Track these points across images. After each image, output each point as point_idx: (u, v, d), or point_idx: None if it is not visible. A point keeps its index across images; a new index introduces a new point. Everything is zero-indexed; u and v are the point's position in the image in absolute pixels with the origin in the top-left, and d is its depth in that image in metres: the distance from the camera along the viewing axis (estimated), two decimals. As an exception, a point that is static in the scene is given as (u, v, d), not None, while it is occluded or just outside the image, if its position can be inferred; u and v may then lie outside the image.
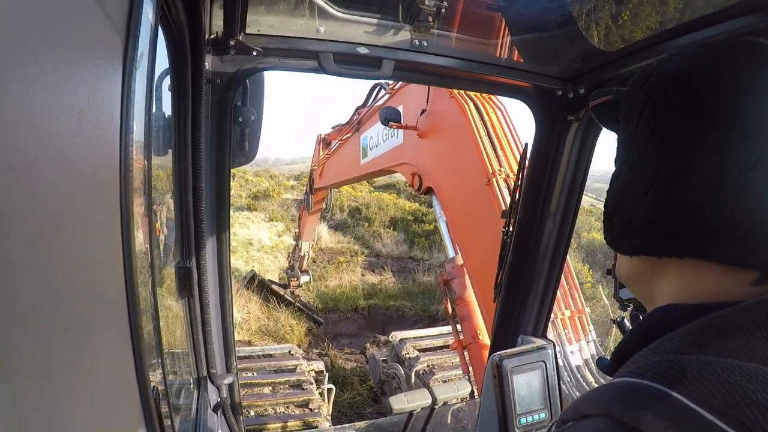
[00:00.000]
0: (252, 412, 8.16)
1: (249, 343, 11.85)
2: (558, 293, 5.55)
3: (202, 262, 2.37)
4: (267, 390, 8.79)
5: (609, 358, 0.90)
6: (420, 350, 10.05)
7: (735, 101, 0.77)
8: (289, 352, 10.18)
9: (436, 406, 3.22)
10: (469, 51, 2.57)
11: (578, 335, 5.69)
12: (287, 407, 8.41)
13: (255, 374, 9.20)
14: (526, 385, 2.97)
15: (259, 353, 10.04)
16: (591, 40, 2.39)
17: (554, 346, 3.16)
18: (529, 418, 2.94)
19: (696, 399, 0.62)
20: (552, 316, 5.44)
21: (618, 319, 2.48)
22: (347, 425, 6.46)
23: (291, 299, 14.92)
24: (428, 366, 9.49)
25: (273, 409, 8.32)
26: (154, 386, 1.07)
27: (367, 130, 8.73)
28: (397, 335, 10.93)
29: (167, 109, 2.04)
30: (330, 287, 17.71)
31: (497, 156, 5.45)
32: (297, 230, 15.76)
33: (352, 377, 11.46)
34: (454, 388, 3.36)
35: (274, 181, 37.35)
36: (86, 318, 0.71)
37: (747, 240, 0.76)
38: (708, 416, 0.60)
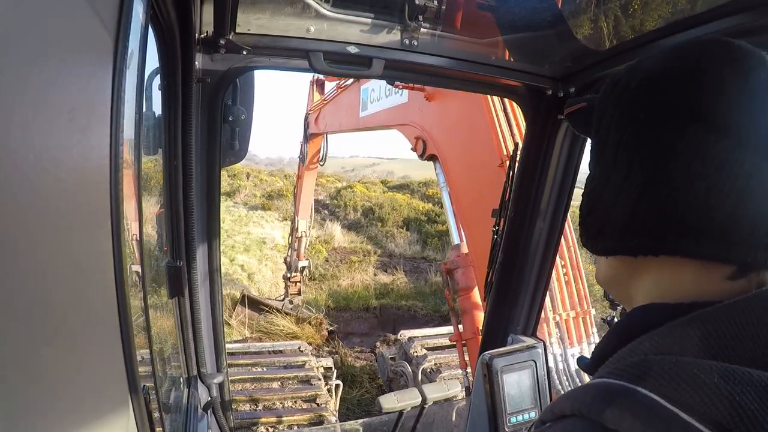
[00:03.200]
0: (260, 406, 8.34)
1: (260, 339, 12.01)
2: (565, 292, 5.49)
3: (193, 262, 2.37)
4: (276, 385, 8.96)
5: (589, 357, 0.91)
6: (428, 349, 10.10)
7: (709, 99, 0.78)
8: (299, 348, 10.31)
9: (426, 406, 3.23)
10: (460, 50, 2.57)
11: (581, 337, 5.57)
12: (294, 402, 8.56)
13: (264, 369, 9.37)
14: (516, 384, 2.97)
15: (269, 349, 10.21)
16: (581, 39, 2.40)
17: (544, 345, 3.17)
18: (519, 418, 2.95)
19: (673, 400, 0.63)
20: (557, 317, 5.40)
21: (609, 319, 2.50)
22: (337, 424, 6.47)
23: (290, 311, 14.23)
24: (435, 364, 9.54)
25: (281, 403, 8.48)
26: (144, 385, 1.06)
27: (369, 81, 8.31)
28: (405, 334, 11.00)
29: (157, 108, 2.04)
30: (342, 286, 17.74)
31: (513, 135, 5.14)
32: (294, 205, 14.76)
33: (361, 375, 11.50)
34: (444, 388, 3.36)
35: (288, 181, 37.15)
36: (76, 317, 0.71)
37: (722, 234, 0.77)
38: (686, 418, 0.61)
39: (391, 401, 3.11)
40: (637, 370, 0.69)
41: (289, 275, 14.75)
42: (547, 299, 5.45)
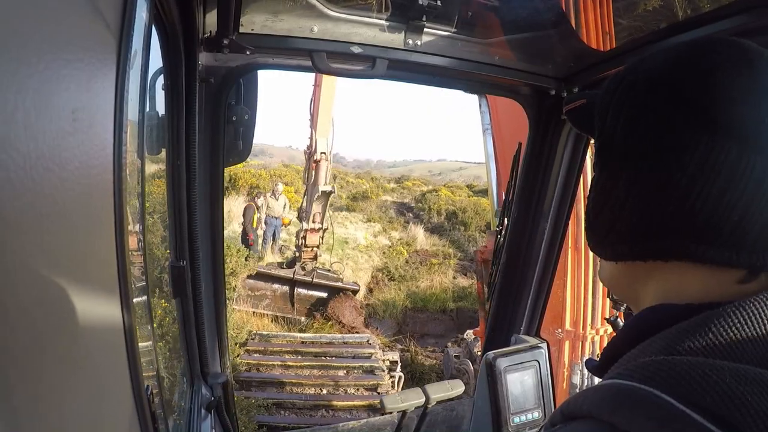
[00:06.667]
0: (324, 390, 9.02)
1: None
2: (608, 301, 5.39)
3: (196, 261, 2.37)
4: (341, 373, 9.66)
5: (597, 359, 0.89)
6: None
7: (717, 100, 0.76)
8: (367, 341, 11.00)
9: (429, 406, 3.22)
10: (463, 50, 2.57)
11: None
12: (357, 389, 9.25)
13: (333, 358, 10.06)
14: (519, 384, 2.97)
15: (340, 340, 10.99)
16: (584, 39, 2.40)
17: (548, 345, 3.17)
18: (523, 417, 2.94)
19: (685, 401, 0.62)
20: (593, 333, 5.29)
21: (612, 319, 2.49)
22: (340, 424, 6.46)
23: (304, 277, 13.05)
24: (497, 363, 9.71)
25: (344, 390, 9.19)
26: (147, 386, 1.07)
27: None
28: (472, 333, 11.10)
29: (161, 108, 2.04)
30: (421, 288, 17.84)
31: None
32: (310, 114, 12.53)
33: (429, 373, 11.74)
34: (448, 388, 3.35)
35: (375, 183, 37.78)
36: (80, 317, 0.71)
37: (731, 239, 0.76)
38: (698, 418, 0.60)
39: (394, 401, 3.10)
40: (647, 370, 0.68)
41: (305, 227, 12.91)
42: (589, 313, 5.41)
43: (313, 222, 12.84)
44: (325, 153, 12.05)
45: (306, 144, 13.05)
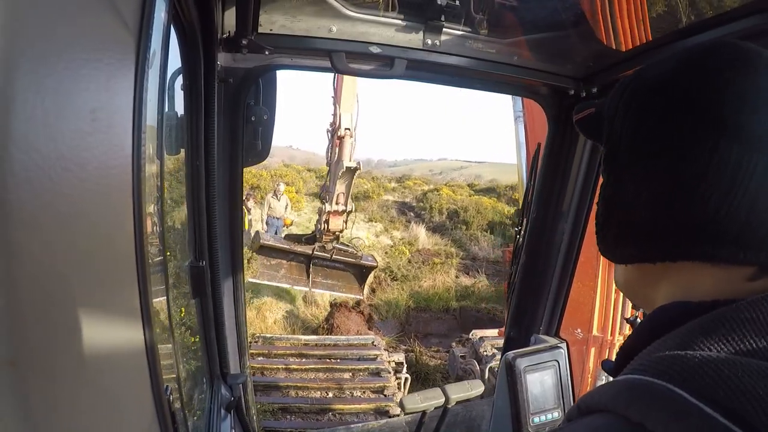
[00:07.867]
0: (330, 394, 8.93)
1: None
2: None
3: (215, 262, 2.37)
4: (347, 375, 9.52)
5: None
6: (497, 348, 10.07)
7: (721, 101, 0.77)
8: (372, 342, 10.77)
9: (449, 406, 3.21)
10: (481, 50, 2.57)
11: None
12: (363, 392, 9.07)
13: (338, 361, 9.90)
14: (539, 384, 2.96)
15: (344, 342, 10.79)
16: (603, 39, 2.39)
17: (567, 345, 3.15)
18: (542, 418, 2.93)
19: (698, 395, 0.63)
20: (614, 338, 5.27)
21: (631, 319, 2.48)
22: (360, 423, 6.47)
23: (324, 252, 12.76)
24: (503, 363, 9.61)
25: (350, 392, 9.03)
26: (167, 386, 1.07)
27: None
28: (477, 333, 11.09)
29: (180, 108, 2.05)
30: (423, 287, 17.78)
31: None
32: (334, 89, 11.73)
33: (434, 373, 11.64)
34: (467, 388, 3.35)
35: (376, 183, 37.91)
36: (99, 318, 0.71)
37: (737, 239, 0.77)
38: (710, 412, 0.61)
39: (414, 401, 3.10)
40: (662, 365, 0.69)
41: (328, 210, 12.29)
42: (618, 318, 5.40)
43: (337, 204, 12.29)
44: (349, 129, 11.51)
45: (329, 121, 12.43)
